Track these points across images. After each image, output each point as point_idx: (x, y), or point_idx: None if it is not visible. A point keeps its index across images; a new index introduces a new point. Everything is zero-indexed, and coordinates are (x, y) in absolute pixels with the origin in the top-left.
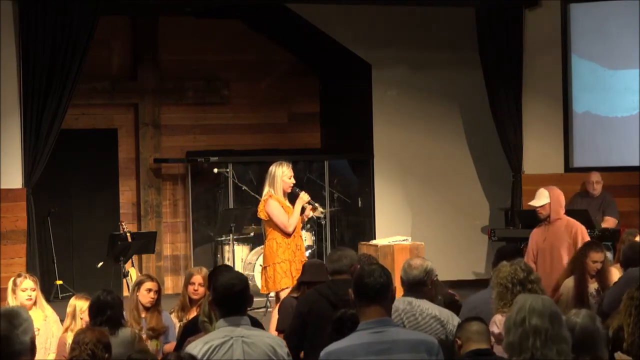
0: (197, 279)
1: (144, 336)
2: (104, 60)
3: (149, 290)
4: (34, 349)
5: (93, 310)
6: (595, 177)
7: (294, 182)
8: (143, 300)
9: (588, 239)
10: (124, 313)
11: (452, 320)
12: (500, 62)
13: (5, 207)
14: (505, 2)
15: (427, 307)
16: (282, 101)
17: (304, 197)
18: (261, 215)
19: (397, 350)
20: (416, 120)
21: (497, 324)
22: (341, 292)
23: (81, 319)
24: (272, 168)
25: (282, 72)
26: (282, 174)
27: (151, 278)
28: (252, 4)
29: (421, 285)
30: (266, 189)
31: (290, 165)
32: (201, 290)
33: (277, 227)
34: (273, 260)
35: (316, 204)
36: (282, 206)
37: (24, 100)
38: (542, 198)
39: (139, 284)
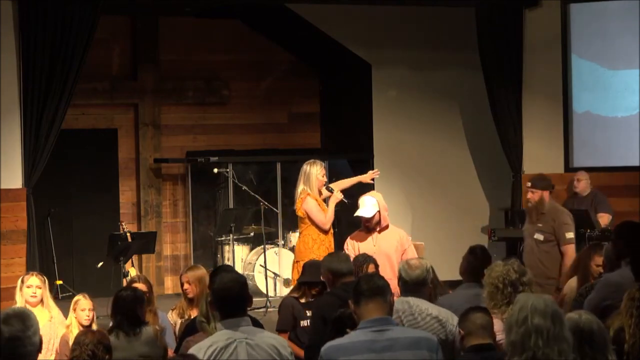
0: (184, 278)
1: None
2: (104, 60)
3: None
4: (41, 349)
5: (114, 308)
6: (579, 175)
7: (326, 179)
8: None
9: (413, 248)
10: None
11: (452, 319)
12: (500, 62)
13: (5, 207)
14: (505, 2)
15: (426, 307)
16: (282, 101)
17: (337, 195)
18: (299, 212)
19: (397, 347)
20: (416, 120)
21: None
22: None
23: (74, 313)
24: (306, 167)
25: (282, 72)
26: (317, 172)
27: (139, 279)
28: (252, 4)
29: (422, 285)
30: (301, 187)
31: (323, 164)
32: (190, 288)
33: (314, 224)
34: (308, 256)
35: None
36: (319, 204)
37: (24, 100)
38: (371, 207)
39: (127, 284)
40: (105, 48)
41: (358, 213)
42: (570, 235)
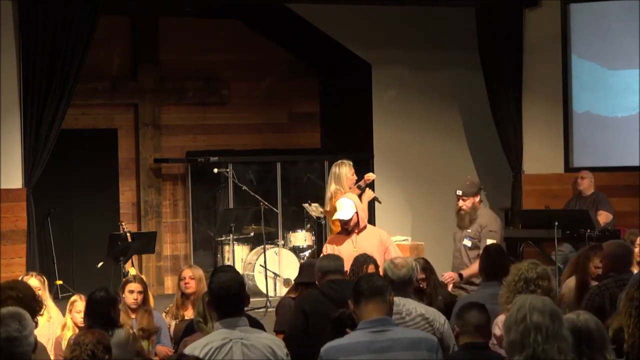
0: (187, 273)
1: None
2: (104, 60)
3: (131, 291)
4: (35, 349)
5: (87, 310)
6: (582, 173)
7: (356, 177)
8: (127, 302)
9: (395, 246)
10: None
11: (439, 318)
12: (500, 62)
13: (5, 207)
14: (505, 2)
15: (413, 307)
16: (282, 101)
17: (369, 193)
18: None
19: (397, 348)
20: (416, 120)
21: (499, 325)
22: (343, 292)
23: (70, 314)
24: (335, 169)
25: (282, 72)
26: (346, 171)
27: (135, 279)
28: (252, 4)
29: (409, 283)
30: (333, 187)
31: (352, 164)
32: (192, 283)
33: None
34: None
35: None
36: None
37: (24, 100)
38: (349, 208)
39: (123, 285)
40: (105, 48)
41: (337, 216)
42: (492, 242)
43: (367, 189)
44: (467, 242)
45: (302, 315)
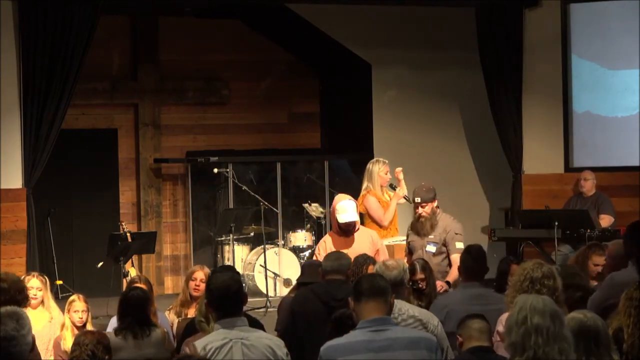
0: (199, 275)
1: None
2: (104, 60)
3: None
4: (33, 348)
5: (121, 311)
6: (585, 174)
7: (390, 177)
8: None
9: (384, 247)
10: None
11: (432, 320)
12: (500, 62)
13: (5, 207)
14: (505, 2)
15: (406, 309)
16: (282, 101)
17: (399, 192)
18: (360, 209)
19: (396, 347)
20: (416, 120)
21: (504, 322)
22: (335, 292)
23: (68, 314)
24: (369, 166)
25: (282, 72)
26: (379, 170)
27: (140, 279)
28: (252, 4)
29: (400, 285)
30: (365, 185)
31: (387, 162)
32: (202, 286)
33: (373, 220)
34: None
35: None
36: (380, 201)
37: (24, 100)
38: (354, 210)
39: (129, 285)
40: (105, 48)
41: (346, 219)
42: (460, 245)
43: (398, 188)
44: (432, 248)
45: (291, 314)
